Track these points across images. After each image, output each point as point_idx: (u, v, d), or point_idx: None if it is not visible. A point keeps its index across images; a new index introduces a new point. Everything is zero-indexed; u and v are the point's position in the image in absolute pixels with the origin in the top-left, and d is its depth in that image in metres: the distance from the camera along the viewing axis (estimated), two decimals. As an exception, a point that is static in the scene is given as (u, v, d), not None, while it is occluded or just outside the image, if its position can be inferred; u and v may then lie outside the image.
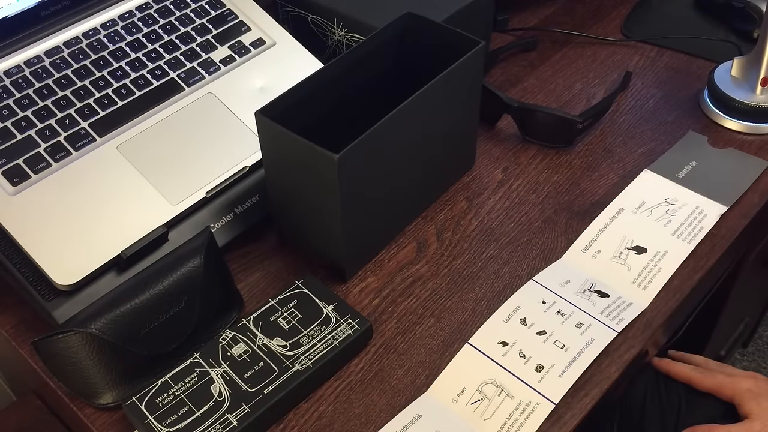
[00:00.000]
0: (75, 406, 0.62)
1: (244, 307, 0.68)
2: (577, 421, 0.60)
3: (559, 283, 0.68)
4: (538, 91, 0.89)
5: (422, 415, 0.60)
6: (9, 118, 0.70)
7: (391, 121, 0.63)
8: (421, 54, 0.74)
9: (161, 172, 0.70)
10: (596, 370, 0.63)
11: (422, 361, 0.64)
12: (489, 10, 0.86)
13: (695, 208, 0.74)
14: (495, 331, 0.65)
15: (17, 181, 0.67)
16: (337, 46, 0.84)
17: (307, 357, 0.61)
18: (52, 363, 0.60)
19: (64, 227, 0.65)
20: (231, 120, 0.75)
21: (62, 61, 0.74)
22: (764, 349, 1.57)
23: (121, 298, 0.61)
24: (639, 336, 0.65)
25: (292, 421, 0.61)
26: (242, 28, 0.81)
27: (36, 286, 0.64)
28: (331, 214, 0.65)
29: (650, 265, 0.69)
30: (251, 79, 0.78)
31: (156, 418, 0.58)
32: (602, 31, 0.97)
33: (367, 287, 0.70)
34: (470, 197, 0.77)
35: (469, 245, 0.73)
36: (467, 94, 0.73)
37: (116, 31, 0.77)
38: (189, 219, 0.70)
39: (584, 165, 0.80)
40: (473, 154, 0.80)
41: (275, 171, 0.68)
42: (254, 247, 0.73)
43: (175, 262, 0.63)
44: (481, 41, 0.70)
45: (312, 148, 0.60)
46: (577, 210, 0.75)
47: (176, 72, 0.76)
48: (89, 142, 0.70)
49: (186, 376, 0.60)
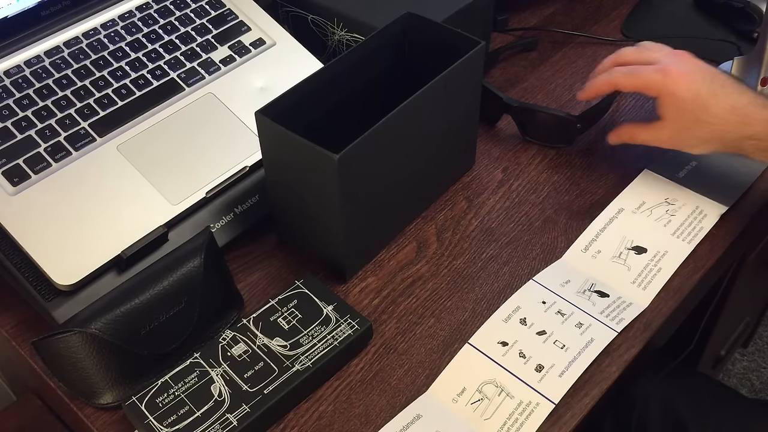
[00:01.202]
0: (75, 406, 0.62)
1: (244, 307, 0.68)
2: (577, 421, 0.60)
3: (559, 283, 0.68)
4: (538, 91, 0.89)
5: (422, 415, 0.60)
6: (9, 118, 0.70)
7: (391, 121, 0.63)
8: (421, 54, 0.74)
9: (161, 172, 0.70)
10: (596, 370, 0.63)
11: (422, 361, 0.64)
12: (489, 10, 0.86)
13: (695, 208, 0.74)
14: (495, 331, 0.65)
15: (17, 181, 0.67)
16: (337, 46, 0.84)
17: (307, 357, 0.61)
18: (52, 363, 0.60)
19: (64, 227, 0.65)
20: (231, 120, 0.75)
21: (62, 61, 0.74)
22: (764, 349, 1.57)
23: (121, 298, 0.61)
24: (639, 336, 0.65)
25: (292, 421, 0.61)
26: (242, 28, 0.81)
27: (36, 286, 0.64)
28: (331, 214, 0.65)
29: (650, 265, 0.69)
30: (251, 79, 0.78)
31: (156, 418, 0.58)
32: (602, 31, 0.97)
33: (367, 287, 0.70)
34: (470, 197, 0.77)
35: (469, 245, 0.73)
36: (467, 94, 0.73)
37: (116, 31, 0.77)
38: (189, 219, 0.70)
39: (584, 165, 0.80)
40: (473, 154, 0.80)
41: (275, 171, 0.68)
42: (254, 247, 0.73)
43: (175, 262, 0.63)
44: (481, 41, 0.70)
45: (312, 148, 0.60)
46: (577, 210, 0.75)
47: (176, 72, 0.76)
48: (89, 142, 0.70)
49: (186, 376, 0.60)
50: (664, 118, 0.69)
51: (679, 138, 0.70)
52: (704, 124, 0.67)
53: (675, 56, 0.70)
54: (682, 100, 0.67)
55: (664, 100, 0.69)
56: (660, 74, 0.68)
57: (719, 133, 0.67)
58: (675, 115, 0.68)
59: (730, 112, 0.66)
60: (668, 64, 0.69)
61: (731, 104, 0.66)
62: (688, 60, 0.69)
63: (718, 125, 0.67)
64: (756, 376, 1.53)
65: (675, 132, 0.69)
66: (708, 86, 0.67)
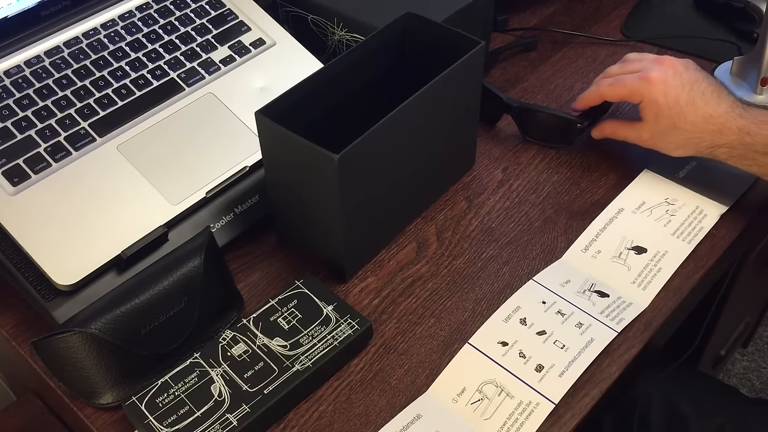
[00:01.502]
0: (75, 406, 0.62)
1: (244, 307, 0.68)
2: (577, 421, 0.60)
3: (559, 283, 0.68)
4: (538, 91, 0.89)
5: (422, 415, 0.60)
6: (9, 118, 0.70)
7: (391, 121, 0.63)
8: (421, 54, 0.74)
9: (161, 172, 0.70)
10: (596, 370, 0.63)
11: (422, 361, 0.64)
12: (489, 10, 0.86)
13: (695, 208, 0.74)
14: (495, 331, 0.65)
15: (17, 181, 0.67)
16: (337, 46, 0.84)
17: (307, 357, 0.61)
18: (52, 363, 0.60)
19: (64, 227, 0.65)
20: (231, 120, 0.75)
21: (62, 61, 0.74)
22: (764, 349, 1.57)
23: (121, 298, 0.61)
24: (639, 336, 0.65)
25: (292, 421, 0.61)
26: (242, 28, 0.81)
27: (36, 286, 0.64)
28: (331, 214, 0.65)
29: (650, 265, 0.69)
30: (251, 79, 0.78)
31: (156, 418, 0.58)
32: (602, 31, 0.97)
33: (367, 287, 0.70)
34: (470, 197, 0.77)
35: (469, 245, 0.73)
36: (467, 94, 0.73)
37: (116, 31, 0.77)
38: (189, 219, 0.70)
39: (584, 165, 0.80)
40: (473, 154, 0.80)
41: (275, 171, 0.68)
42: (254, 247, 0.73)
43: (175, 262, 0.63)
44: (481, 41, 0.70)
45: (312, 148, 0.60)
46: (577, 210, 0.75)
47: (176, 72, 0.76)
48: (89, 142, 0.70)
49: (186, 376, 0.60)
50: (645, 121, 0.72)
51: (657, 140, 0.72)
52: (680, 131, 0.70)
53: (657, 63, 0.72)
54: (661, 107, 0.70)
55: (645, 106, 0.71)
56: (642, 81, 0.71)
57: (694, 140, 0.70)
58: (654, 119, 0.71)
59: (707, 121, 0.68)
60: (650, 71, 0.71)
61: (709, 113, 0.68)
62: (671, 66, 0.71)
63: (693, 132, 0.69)
64: (756, 376, 1.53)
65: (653, 134, 0.72)
66: (687, 94, 0.69)
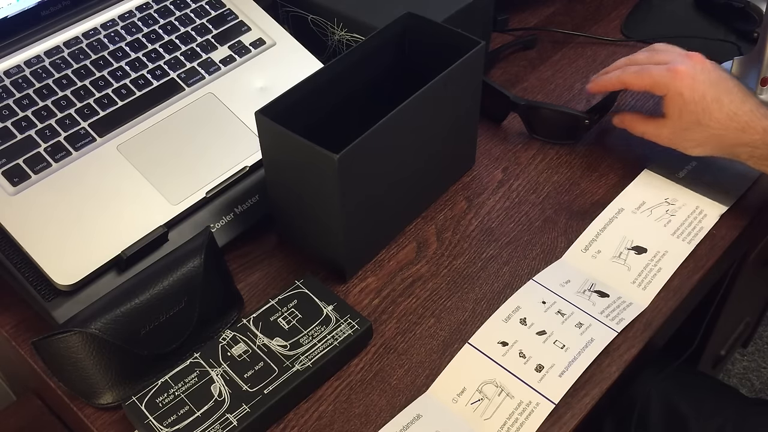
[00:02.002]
0: (75, 406, 0.62)
1: (244, 307, 0.68)
2: (577, 421, 0.60)
3: (559, 283, 0.68)
4: (538, 91, 0.89)
5: (422, 415, 0.60)
6: (9, 118, 0.70)
7: (391, 121, 0.63)
8: (421, 54, 0.74)
9: (161, 172, 0.70)
10: (596, 370, 0.63)
11: (422, 361, 0.64)
12: (489, 10, 0.86)
13: (695, 208, 0.74)
14: (495, 331, 0.65)
15: (17, 181, 0.67)
16: (337, 46, 0.84)
17: (307, 357, 0.61)
18: (52, 363, 0.60)
19: (64, 227, 0.65)
20: (231, 120, 0.75)
21: (62, 61, 0.74)
22: (764, 349, 1.57)
23: (121, 298, 0.61)
24: (639, 336, 0.65)
25: (292, 421, 0.61)
26: (242, 28, 0.81)
27: (36, 286, 0.64)
28: (331, 214, 0.65)
29: (650, 265, 0.69)
30: (251, 79, 0.78)
31: (156, 418, 0.58)
32: (602, 31, 0.97)
33: (367, 287, 0.70)
34: (470, 197, 0.77)
35: (469, 245, 0.73)
36: (467, 94, 0.73)
37: (116, 31, 0.77)
38: (189, 219, 0.70)
39: (584, 165, 0.80)
40: (473, 154, 0.80)
41: (275, 171, 0.68)
42: (254, 247, 0.73)
43: (175, 262, 0.63)
44: (481, 41, 0.70)
45: (312, 148, 0.60)
46: (577, 210, 0.75)
47: (176, 72, 0.76)
48: (89, 142, 0.70)
49: (186, 376, 0.60)
50: (668, 116, 0.71)
51: (677, 137, 0.71)
52: (703, 128, 0.69)
53: (687, 57, 0.71)
54: (686, 101, 0.69)
55: (670, 99, 0.70)
56: (669, 73, 0.69)
57: (717, 138, 0.69)
58: (678, 115, 0.69)
59: (731, 118, 0.67)
60: (679, 63, 0.70)
61: (733, 111, 0.67)
62: (699, 62, 0.70)
63: (717, 130, 0.68)
64: (756, 376, 1.53)
65: (675, 131, 0.71)
66: (714, 90, 0.68)
